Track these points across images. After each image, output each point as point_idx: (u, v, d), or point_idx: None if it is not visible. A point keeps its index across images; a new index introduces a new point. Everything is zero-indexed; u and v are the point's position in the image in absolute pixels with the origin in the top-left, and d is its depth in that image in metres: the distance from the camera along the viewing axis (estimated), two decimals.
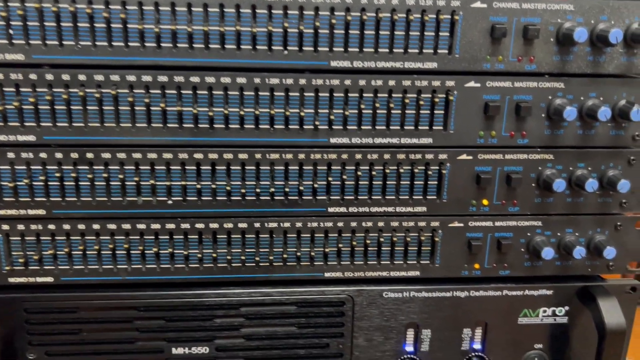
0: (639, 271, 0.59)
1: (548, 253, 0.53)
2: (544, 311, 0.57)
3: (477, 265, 0.55)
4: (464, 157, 0.52)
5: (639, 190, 0.54)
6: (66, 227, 0.50)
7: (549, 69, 0.50)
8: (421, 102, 0.49)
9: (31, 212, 0.49)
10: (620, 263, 0.56)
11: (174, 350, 0.53)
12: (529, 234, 0.54)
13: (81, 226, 0.50)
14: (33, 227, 0.49)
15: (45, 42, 0.45)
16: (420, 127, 0.50)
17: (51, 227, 0.49)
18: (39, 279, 0.51)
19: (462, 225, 0.54)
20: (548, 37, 0.49)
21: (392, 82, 0.49)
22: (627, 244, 0.56)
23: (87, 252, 0.50)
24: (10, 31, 0.45)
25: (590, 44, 0.50)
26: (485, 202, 0.53)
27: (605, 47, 0.49)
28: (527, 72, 0.50)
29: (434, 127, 0.51)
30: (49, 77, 0.46)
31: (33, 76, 0.46)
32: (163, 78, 0.47)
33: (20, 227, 0.49)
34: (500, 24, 0.48)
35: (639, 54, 0.50)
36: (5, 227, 0.49)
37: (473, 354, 0.57)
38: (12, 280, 0.50)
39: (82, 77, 0.46)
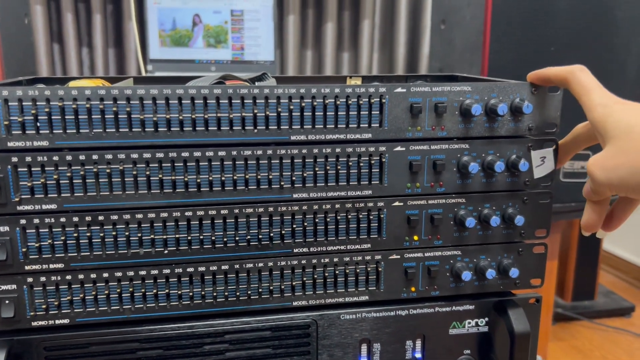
0: (541, 286, 0.73)
1: (467, 276, 0.66)
2: (469, 322, 0.69)
3: (413, 288, 0.67)
4: (397, 203, 0.65)
5: (532, 223, 0.68)
6: (80, 276, 0.60)
7: (456, 134, 0.64)
8: (361, 164, 0.63)
9: (52, 266, 0.59)
10: (525, 280, 0.69)
11: None
12: (451, 261, 0.67)
13: (93, 275, 0.60)
14: (53, 278, 0.59)
15: (65, 131, 0.57)
16: (362, 182, 0.63)
17: (68, 277, 0.60)
18: (57, 321, 0.60)
19: (399, 257, 0.66)
20: (453, 111, 0.63)
21: (338, 150, 0.62)
22: (529, 265, 0.69)
23: (98, 296, 0.61)
24: (38, 124, 0.56)
25: (486, 114, 0.64)
26: (415, 237, 0.66)
27: (497, 117, 0.64)
28: (440, 137, 0.64)
29: (372, 182, 0.63)
30: (69, 157, 0.57)
31: (55, 158, 0.57)
32: (160, 155, 0.58)
33: (43, 279, 0.59)
34: (417, 103, 0.62)
35: (521, 120, 0.65)
36: (30, 279, 0.59)
37: None
38: (34, 323, 0.60)
39: (95, 157, 0.57)
